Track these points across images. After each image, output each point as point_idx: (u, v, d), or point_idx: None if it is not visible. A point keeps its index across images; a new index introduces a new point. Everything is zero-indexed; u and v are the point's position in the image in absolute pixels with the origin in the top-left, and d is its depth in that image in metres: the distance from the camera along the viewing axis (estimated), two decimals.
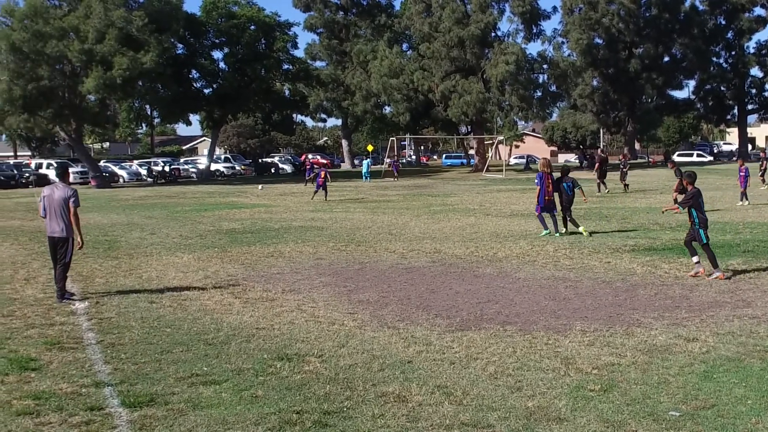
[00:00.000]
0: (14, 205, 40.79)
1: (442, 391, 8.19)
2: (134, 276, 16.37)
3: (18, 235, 25.12)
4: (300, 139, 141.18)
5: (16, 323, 11.77)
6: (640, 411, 7.47)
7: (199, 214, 32.66)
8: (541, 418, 7.34)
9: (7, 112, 61.61)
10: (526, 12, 77.32)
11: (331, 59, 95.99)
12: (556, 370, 8.85)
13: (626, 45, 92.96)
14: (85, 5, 60.43)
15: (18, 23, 58.81)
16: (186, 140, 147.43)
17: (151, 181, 71.57)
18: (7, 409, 7.82)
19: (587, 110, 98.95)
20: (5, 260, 19.10)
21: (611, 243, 19.85)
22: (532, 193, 41.97)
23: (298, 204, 37.93)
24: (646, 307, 12.12)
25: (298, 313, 12.25)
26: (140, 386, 8.50)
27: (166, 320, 11.82)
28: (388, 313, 12.17)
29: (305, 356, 9.64)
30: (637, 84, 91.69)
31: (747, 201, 31.06)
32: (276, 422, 7.34)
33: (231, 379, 8.73)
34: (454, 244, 20.33)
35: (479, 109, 77.04)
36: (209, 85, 79.72)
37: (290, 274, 16.21)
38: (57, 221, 13.45)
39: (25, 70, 59.01)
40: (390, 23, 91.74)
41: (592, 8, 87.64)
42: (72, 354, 9.97)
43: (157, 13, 63.24)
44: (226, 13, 76.03)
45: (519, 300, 13.00)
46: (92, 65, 58.62)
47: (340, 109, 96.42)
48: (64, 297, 13.49)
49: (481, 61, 77.93)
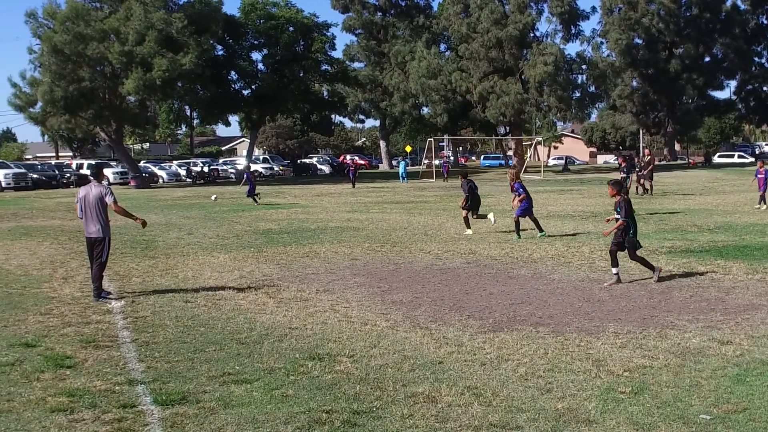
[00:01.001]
0: (55, 205, 41.27)
1: (471, 392, 8.18)
2: (170, 275, 16.51)
3: (58, 234, 25.42)
4: (338, 140, 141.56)
5: (53, 321, 11.93)
6: (670, 414, 7.42)
7: (236, 214, 32.85)
8: (570, 419, 7.32)
9: (48, 113, 62.38)
10: (565, 12, 76.93)
11: (369, 60, 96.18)
12: (587, 372, 8.82)
13: (666, 45, 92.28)
14: (125, 7, 61.05)
15: (60, 25, 59.51)
16: (225, 141, 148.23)
17: (190, 181, 72.07)
18: (42, 406, 7.93)
19: (626, 111, 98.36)
20: (45, 259, 19.34)
21: (648, 245, 19.66)
22: (570, 195, 41.86)
23: (335, 205, 38.02)
24: (681, 310, 12.03)
25: (331, 313, 12.30)
26: (173, 384, 8.58)
27: (201, 319, 11.92)
28: (421, 313, 12.18)
29: (337, 356, 9.68)
30: (677, 84, 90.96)
31: (765, 205, 29.90)
32: (305, 421, 7.37)
33: (262, 378, 8.79)
34: (490, 246, 20.29)
35: (517, 110, 76.80)
36: (248, 86, 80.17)
37: (325, 275, 16.27)
38: (93, 222, 13.59)
39: (67, 72, 59.70)
40: (428, 24, 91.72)
41: (632, 8, 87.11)
42: (107, 352, 10.09)
43: (197, 14, 63.74)
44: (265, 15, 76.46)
45: (553, 301, 12.95)
46: (132, 67, 59.18)
47: (378, 110, 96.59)
48: (100, 296, 13.64)
49: (520, 61, 77.67)
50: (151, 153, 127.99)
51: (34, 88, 61.11)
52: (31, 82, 61.85)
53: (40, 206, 40.22)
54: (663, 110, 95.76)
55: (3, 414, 7.71)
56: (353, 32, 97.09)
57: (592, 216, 28.36)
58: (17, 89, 62.43)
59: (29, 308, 12.95)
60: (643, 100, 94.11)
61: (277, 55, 76.95)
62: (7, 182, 60.31)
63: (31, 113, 64.23)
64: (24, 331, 11.27)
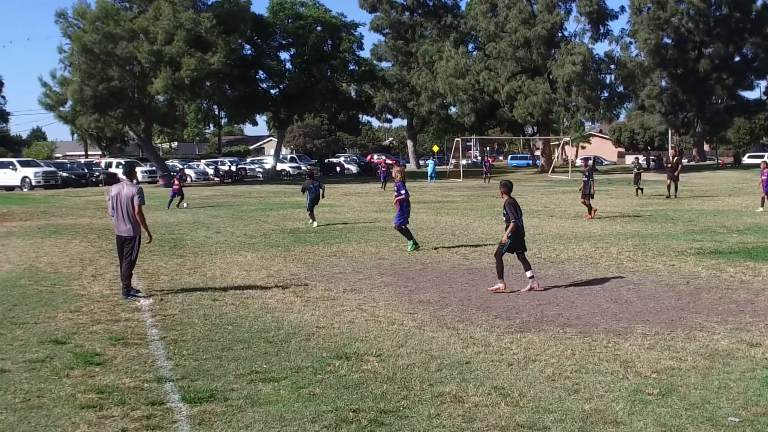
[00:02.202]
0: (84, 203, 41.59)
1: (498, 392, 8.18)
2: (198, 274, 16.60)
3: (87, 232, 25.62)
4: (366, 140, 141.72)
5: (82, 319, 12.03)
6: (698, 416, 7.38)
7: (263, 213, 32.97)
8: (597, 421, 7.30)
9: (78, 112, 62.83)
10: (594, 12, 76.57)
11: (396, 60, 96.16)
12: (614, 373, 8.79)
13: (696, 45, 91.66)
14: (154, 7, 61.40)
15: (89, 25, 59.95)
16: (253, 140, 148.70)
17: (218, 180, 72.38)
18: (71, 402, 8.01)
19: (655, 111, 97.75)
20: (74, 257, 19.50)
21: (676, 245, 19.60)
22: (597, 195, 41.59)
23: (362, 204, 38.06)
24: (710, 311, 11.96)
25: (359, 312, 12.33)
26: (201, 382, 8.64)
27: (228, 318, 11.98)
28: (448, 313, 12.18)
29: (364, 355, 9.70)
30: (706, 84, 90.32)
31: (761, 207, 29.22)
32: (332, 420, 7.40)
33: (290, 376, 8.82)
34: None
35: (545, 110, 76.56)
36: (276, 85, 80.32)
37: (352, 274, 16.30)
38: (124, 220, 13.70)
39: (96, 71, 60.13)
40: (456, 23, 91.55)
41: (661, 8, 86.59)
42: (135, 350, 10.16)
43: (225, 14, 64.00)
44: (293, 14, 76.56)
45: (580, 302, 12.91)
46: (161, 66, 59.50)
47: (405, 110, 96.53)
48: (129, 294, 13.74)
49: (548, 61, 77.40)
50: (179, 152, 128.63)
51: (64, 87, 61.60)
52: (61, 82, 62.35)
53: (69, 204, 40.55)
54: (692, 110, 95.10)
55: (33, 410, 7.80)
56: (381, 32, 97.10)
57: (619, 216, 28.24)
58: (47, 88, 62.99)
59: (59, 306, 13.07)
60: (672, 100, 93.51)
61: (305, 55, 77.02)
62: (37, 180, 60.78)
63: (61, 112, 64.76)
64: (54, 329, 11.38)
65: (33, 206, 39.11)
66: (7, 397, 8.21)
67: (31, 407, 7.88)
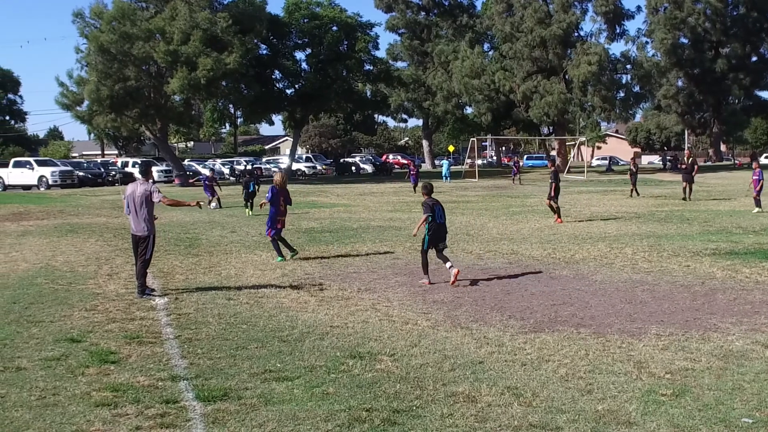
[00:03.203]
0: (101, 202, 41.74)
1: (511, 392, 8.19)
2: (213, 273, 16.66)
3: (103, 231, 25.72)
4: (381, 139, 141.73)
5: (98, 317, 12.10)
6: (711, 417, 7.37)
7: None
8: (610, 421, 7.30)
9: (95, 111, 63.00)
10: (610, 11, 76.45)
11: (412, 60, 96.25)
12: (628, 373, 8.78)
13: (712, 44, 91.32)
14: (171, 7, 61.53)
15: (106, 25, 60.13)
16: (269, 140, 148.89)
17: (233, 180, 72.51)
18: (86, 400, 8.06)
19: (671, 111, 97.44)
20: (90, 256, 19.58)
21: (692, 246, 19.54)
22: (613, 196, 41.56)
23: (377, 204, 38.09)
24: (725, 312, 11.93)
25: (373, 311, 12.35)
26: (215, 381, 8.68)
27: (243, 317, 12.02)
28: (462, 313, 12.19)
29: (377, 355, 9.72)
30: (723, 84, 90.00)
31: (760, 208, 29.12)
32: (345, 419, 7.42)
33: (303, 375, 8.85)
34: (532, 246, 20.23)
35: (561, 110, 76.43)
36: (291, 85, 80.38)
37: (366, 273, 16.33)
38: (139, 219, 13.76)
39: (113, 71, 60.31)
40: (471, 23, 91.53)
41: (678, 7, 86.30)
42: (150, 348, 10.21)
43: (241, 14, 64.05)
44: (309, 14, 76.57)
45: (594, 303, 12.90)
46: (177, 66, 59.62)
47: (421, 110, 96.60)
48: (144, 293, 13.79)
49: (563, 61, 77.29)
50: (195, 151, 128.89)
51: (81, 87, 61.79)
52: (78, 81, 62.56)
53: (85, 204, 40.71)
54: (709, 110, 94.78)
55: (49, 407, 7.85)
56: (396, 32, 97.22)
57: (635, 217, 28.16)
58: (64, 88, 63.17)
59: (75, 304, 13.14)
60: (689, 100, 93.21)
61: (321, 55, 77.04)
62: (54, 180, 60.97)
63: (77, 112, 64.94)
64: (69, 327, 11.45)
65: (50, 205, 39.29)
66: (23, 394, 8.27)
67: (47, 405, 7.94)
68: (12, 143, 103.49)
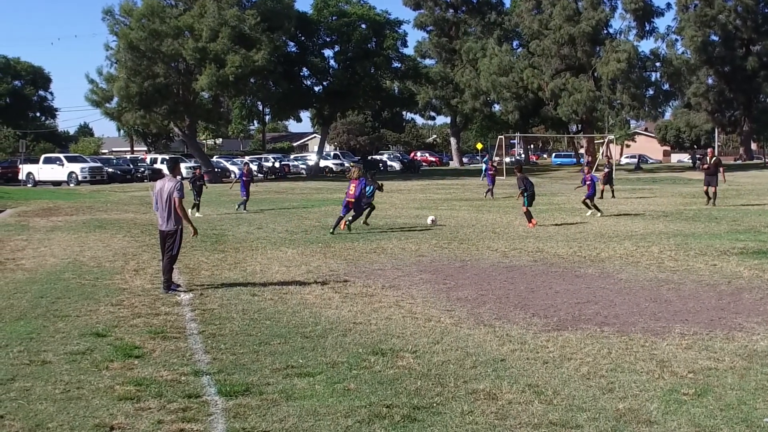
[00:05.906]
0: (129, 198, 42.03)
1: (532, 390, 8.17)
2: (239, 269, 16.73)
3: (131, 227, 25.90)
4: (409, 137, 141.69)
5: (123, 312, 12.18)
6: (733, 417, 7.33)
7: (305, 210, 33.12)
8: (630, 420, 7.27)
9: (124, 108, 63.50)
10: (639, 9, 76.02)
11: (440, 57, 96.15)
12: (650, 372, 8.74)
13: (743, 42, 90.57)
14: (199, 5, 61.88)
15: (136, 22, 60.58)
16: (297, 137, 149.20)
17: (261, 176, 72.75)
18: (110, 394, 8.13)
19: (701, 109, 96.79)
20: (117, 251, 19.72)
21: (719, 245, 19.40)
22: (642, 194, 41.31)
23: (404, 201, 38.10)
24: (750, 312, 11.84)
25: (396, 308, 12.35)
26: (237, 376, 8.72)
27: (267, 313, 12.06)
28: (486, 311, 12.17)
29: (399, 351, 9.73)
30: (754, 82, 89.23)
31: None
32: (366, 415, 7.44)
33: (325, 371, 8.88)
34: (557, 244, 20.18)
35: (589, 108, 76.09)
36: (319, 82, 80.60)
37: (391, 270, 16.34)
38: (166, 215, 13.86)
39: (142, 68, 60.75)
40: (500, 21, 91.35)
41: (708, 4, 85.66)
42: (174, 343, 10.27)
43: (270, 11, 64.28)
44: (337, 12, 76.77)
45: (619, 301, 12.84)
46: (206, 63, 59.95)
47: (449, 107, 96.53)
48: (170, 288, 13.88)
49: (592, 58, 76.94)
50: (223, 148, 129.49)
51: (111, 84, 62.29)
52: (108, 78, 63.08)
53: (114, 200, 41.00)
54: (739, 108, 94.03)
55: (73, 401, 7.92)
56: (425, 29, 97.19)
57: (663, 216, 28.01)
58: (94, 85, 63.77)
59: (101, 299, 13.24)
60: (719, 98, 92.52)
61: (349, 52, 77.21)
62: (83, 176, 61.38)
63: (107, 108, 65.49)
64: (95, 321, 11.54)
65: (79, 201, 39.59)
66: (48, 387, 8.35)
67: (71, 398, 8.01)
68: (43, 139, 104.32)
